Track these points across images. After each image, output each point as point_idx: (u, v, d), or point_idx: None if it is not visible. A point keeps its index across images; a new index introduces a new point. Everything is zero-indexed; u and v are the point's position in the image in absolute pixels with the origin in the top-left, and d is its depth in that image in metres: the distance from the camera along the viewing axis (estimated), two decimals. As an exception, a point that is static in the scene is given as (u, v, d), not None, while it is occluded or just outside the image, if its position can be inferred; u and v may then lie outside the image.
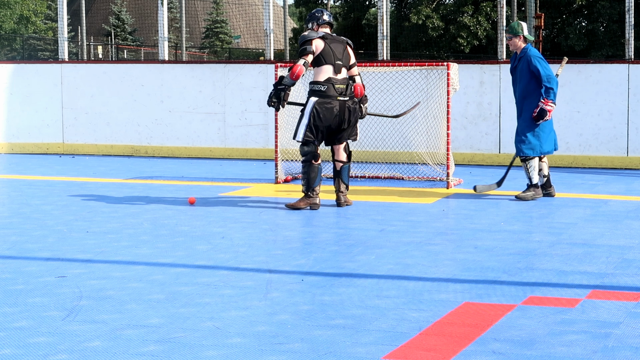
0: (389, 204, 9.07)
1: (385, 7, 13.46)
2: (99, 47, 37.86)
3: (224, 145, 13.77)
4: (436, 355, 4.16)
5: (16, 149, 14.42)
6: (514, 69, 9.27)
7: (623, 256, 6.39)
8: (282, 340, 4.39)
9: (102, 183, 10.77)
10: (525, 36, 9.16)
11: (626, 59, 12.49)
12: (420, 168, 11.15)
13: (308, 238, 7.34)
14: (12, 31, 46.14)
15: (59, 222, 7.91)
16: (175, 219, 8.07)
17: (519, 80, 9.17)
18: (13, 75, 14.48)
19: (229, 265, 6.14)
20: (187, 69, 14.07)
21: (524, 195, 9.15)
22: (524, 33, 9.16)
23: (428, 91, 11.11)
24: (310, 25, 8.80)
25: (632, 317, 4.76)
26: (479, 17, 31.25)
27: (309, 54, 8.53)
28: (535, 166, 9.15)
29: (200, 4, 51.42)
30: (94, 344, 4.31)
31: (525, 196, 9.15)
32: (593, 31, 31.24)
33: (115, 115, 14.16)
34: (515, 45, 9.19)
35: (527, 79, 9.06)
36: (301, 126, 8.53)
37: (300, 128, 8.54)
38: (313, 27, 8.76)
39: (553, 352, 4.18)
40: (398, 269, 6.03)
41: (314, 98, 8.54)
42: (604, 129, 12.39)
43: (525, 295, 5.26)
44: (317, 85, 8.55)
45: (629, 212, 8.48)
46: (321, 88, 8.53)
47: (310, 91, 8.59)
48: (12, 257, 6.39)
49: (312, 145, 8.56)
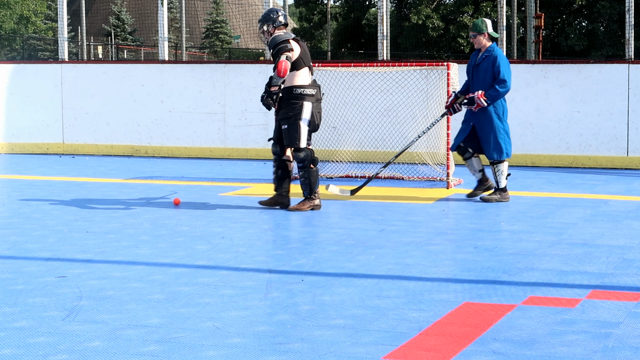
0: (389, 204, 9.07)
1: (385, 7, 13.46)
2: (99, 47, 37.86)
3: (224, 145, 13.77)
4: (436, 355, 4.16)
5: (16, 149, 14.42)
6: (475, 66, 9.10)
7: (623, 256, 6.39)
8: (282, 340, 4.39)
9: (102, 183, 10.77)
10: (490, 34, 9.04)
11: (626, 59, 12.49)
12: (420, 168, 11.15)
13: (308, 238, 7.34)
14: (12, 31, 46.14)
15: (59, 222, 7.90)
16: (175, 219, 8.07)
17: (481, 79, 8.99)
18: (13, 75, 14.48)
19: (229, 265, 6.14)
20: (187, 69, 14.07)
21: (489, 198, 9.07)
22: (489, 31, 9.05)
23: (428, 91, 11.11)
24: (265, 27, 8.49)
25: (632, 317, 4.76)
26: (479, 17, 31.25)
27: (289, 50, 8.31)
28: (504, 170, 9.05)
29: (200, 4, 51.41)
30: (94, 344, 4.31)
31: (491, 199, 9.06)
32: (593, 31, 31.25)
33: (115, 115, 14.16)
34: (479, 43, 9.06)
35: (490, 78, 8.92)
36: (302, 133, 8.38)
37: (301, 135, 8.37)
38: (269, 29, 8.48)
39: (553, 352, 4.18)
40: (398, 269, 6.03)
41: (309, 103, 8.42)
42: (604, 129, 12.38)
43: (525, 295, 5.26)
44: (306, 89, 8.40)
45: (629, 212, 8.48)
46: (312, 92, 8.42)
47: (300, 95, 8.38)
48: (12, 257, 6.38)
49: (309, 150, 8.48)
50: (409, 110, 11.47)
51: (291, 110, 8.38)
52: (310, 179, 8.45)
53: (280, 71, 8.24)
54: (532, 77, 12.64)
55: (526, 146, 12.65)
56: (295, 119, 8.36)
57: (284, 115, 8.42)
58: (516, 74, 12.71)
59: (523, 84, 12.64)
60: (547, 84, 12.58)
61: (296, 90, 8.38)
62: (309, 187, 8.48)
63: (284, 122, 8.42)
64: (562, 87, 12.53)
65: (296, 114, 8.36)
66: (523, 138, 12.64)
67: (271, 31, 8.50)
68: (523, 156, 12.64)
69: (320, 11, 36.91)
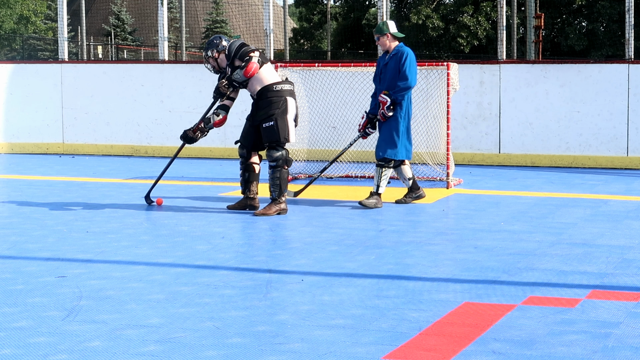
0: (389, 204, 9.06)
1: (385, 7, 13.46)
2: (98, 47, 37.85)
3: (224, 145, 13.76)
4: (436, 355, 4.16)
5: (16, 149, 14.42)
6: (384, 66, 8.90)
7: (623, 256, 6.39)
8: (282, 340, 4.39)
9: (102, 183, 10.77)
10: (393, 34, 8.87)
11: (626, 59, 12.49)
12: (420, 168, 11.14)
13: (308, 238, 7.34)
14: (12, 31, 46.14)
15: (59, 222, 7.90)
16: (175, 219, 8.07)
17: (388, 78, 8.80)
18: (13, 75, 14.48)
19: (229, 265, 6.14)
20: (187, 69, 14.07)
21: (367, 202, 8.76)
22: (391, 31, 8.90)
23: (428, 91, 11.11)
24: (210, 53, 8.49)
25: (632, 317, 4.76)
26: (479, 17, 31.26)
27: (255, 50, 8.42)
28: (388, 176, 8.84)
29: (200, 4, 51.40)
30: (94, 344, 4.31)
31: (369, 203, 8.73)
32: (593, 31, 31.25)
33: (115, 115, 14.16)
34: (384, 45, 8.87)
35: (397, 77, 8.73)
36: (291, 128, 8.34)
37: (290, 130, 8.33)
38: (213, 54, 8.48)
39: (553, 352, 4.18)
40: (398, 269, 6.03)
41: (291, 98, 8.40)
42: (604, 129, 12.38)
43: (525, 295, 5.26)
44: (284, 85, 8.40)
45: (629, 212, 8.48)
46: (290, 87, 8.45)
47: (280, 92, 8.35)
48: (12, 257, 6.38)
49: (285, 150, 8.39)
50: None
51: (275, 107, 8.33)
52: (281, 180, 8.33)
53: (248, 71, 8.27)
54: (532, 77, 12.64)
55: (526, 146, 12.65)
56: (283, 115, 8.32)
57: (265, 114, 8.33)
58: (516, 74, 12.73)
59: (523, 84, 12.65)
60: (547, 84, 12.58)
61: (275, 87, 8.36)
62: (279, 188, 8.32)
63: (266, 121, 8.32)
64: (562, 87, 12.53)
65: (283, 111, 8.33)
66: (523, 138, 12.64)
67: (215, 56, 8.50)
68: (523, 156, 12.65)
69: (320, 11, 36.91)
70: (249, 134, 8.56)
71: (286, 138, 8.33)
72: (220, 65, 8.56)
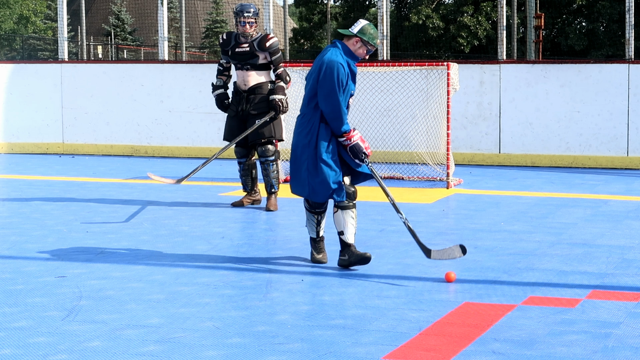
0: (389, 204, 9.04)
1: (385, 7, 13.46)
2: (98, 47, 37.84)
3: (224, 145, 13.75)
4: (436, 355, 4.16)
5: (16, 149, 14.42)
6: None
7: (623, 256, 6.39)
8: (282, 340, 4.39)
9: (102, 183, 10.76)
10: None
11: (626, 59, 12.49)
12: (420, 168, 11.14)
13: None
14: (11, 31, 46.13)
15: (59, 222, 7.90)
16: (175, 219, 8.07)
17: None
18: (13, 75, 14.47)
19: (229, 265, 6.14)
20: (187, 68, 14.07)
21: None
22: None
23: (428, 91, 11.11)
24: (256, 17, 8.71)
25: (632, 317, 4.76)
26: (479, 17, 31.24)
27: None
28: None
29: (200, 4, 51.39)
30: (94, 344, 4.31)
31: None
32: (593, 31, 31.24)
33: (115, 115, 14.16)
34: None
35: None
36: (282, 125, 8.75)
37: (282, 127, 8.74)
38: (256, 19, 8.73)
39: (553, 352, 4.18)
40: (398, 269, 6.03)
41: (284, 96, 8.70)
42: (604, 129, 12.38)
43: (525, 295, 5.26)
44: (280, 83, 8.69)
45: (629, 212, 8.48)
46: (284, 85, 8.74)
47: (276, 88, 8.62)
48: (12, 257, 6.38)
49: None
50: (409, 110, 11.46)
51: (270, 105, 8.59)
52: (278, 173, 8.74)
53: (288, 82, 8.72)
54: (532, 77, 12.64)
55: (526, 146, 12.65)
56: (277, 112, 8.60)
57: (260, 110, 8.59)
58: (516, 74, 12.73)
59: (523, 84, 12.64)
60: (547, 84, 12.57)
61: (272, 86, 8.65)
62: (277, 180, 8.73)
63: (261, 117, 8.59)
64: (562, 87, 12.53)
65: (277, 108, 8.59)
66: (523, 138, 12.64)
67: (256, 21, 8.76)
68: (523, 156, 12.65)
69: (320, 11, 36.89)
70: (239, 130, 8.70)
71: (281, 135, 8.74)
72: (251, 33, 8.59)
